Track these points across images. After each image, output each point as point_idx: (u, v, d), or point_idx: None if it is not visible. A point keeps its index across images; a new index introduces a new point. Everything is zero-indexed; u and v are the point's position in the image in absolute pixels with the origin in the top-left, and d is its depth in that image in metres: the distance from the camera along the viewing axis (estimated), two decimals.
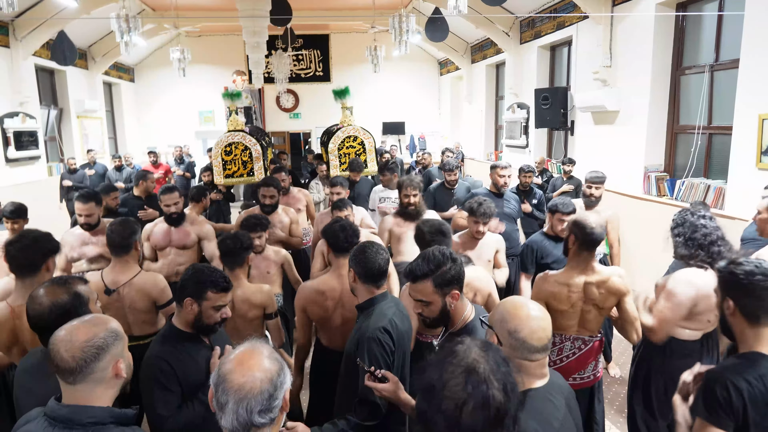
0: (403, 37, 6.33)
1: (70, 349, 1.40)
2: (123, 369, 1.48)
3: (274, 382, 1.25)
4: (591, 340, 2.83)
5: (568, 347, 2.82)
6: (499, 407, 1.09)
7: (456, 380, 1.10)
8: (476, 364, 1.12)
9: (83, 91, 11.28)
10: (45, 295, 1.82)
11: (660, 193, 6.17)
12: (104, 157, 11.68)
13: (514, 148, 10.34)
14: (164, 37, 12.96)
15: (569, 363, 2.80)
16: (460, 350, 1.16)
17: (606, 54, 7.00)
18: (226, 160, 6.29)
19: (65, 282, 1.88)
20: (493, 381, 1.10)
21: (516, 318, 1.51)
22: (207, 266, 2.21)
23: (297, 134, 15.54)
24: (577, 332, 2.81)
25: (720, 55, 5.63)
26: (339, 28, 14.25)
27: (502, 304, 1.61)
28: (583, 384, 2.84)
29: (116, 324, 1.53)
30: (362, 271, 2.24)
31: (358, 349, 2.13)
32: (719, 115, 5.66)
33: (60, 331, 1.45)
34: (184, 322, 2.14)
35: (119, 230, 2.93)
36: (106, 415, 1.41)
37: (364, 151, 6.86)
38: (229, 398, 1.22)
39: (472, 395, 1.08)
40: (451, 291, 1.96)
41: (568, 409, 1.54)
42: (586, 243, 2.70)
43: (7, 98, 8.36)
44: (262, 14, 7.12)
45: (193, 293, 2.09)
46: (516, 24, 9.84)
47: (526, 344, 1.49)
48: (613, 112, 6.99)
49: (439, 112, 15.42)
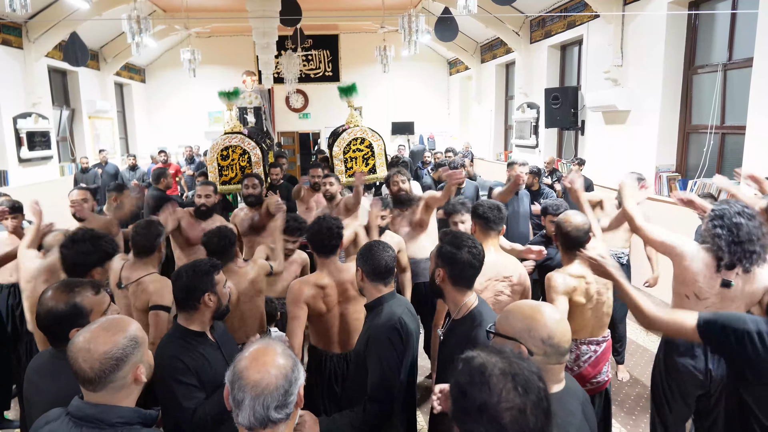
0: (412, 37, 6.32)
1: (88, 359, 1.39)
2: (143, 374, 1.48)
3: (288, 377, 1.27)
4: (604, 340, 2.82)
5: (584, 351, 2.78)
6: (547, 395, 1.11)
7: (507, 389, 1.09)
8: (509, 367, 1.12)
9: (95, 91, 11.38)
10: (48, 298, 1.79)
11: (671, 193, 6.12)
12: (115, 157, 11.78)
13: (524, 148, 10.30)
14: (175, 38, 13.06)
15: (586, 368, 2.76)
16: (484, 362, 1.14)
17: (617, 53, 6.96)
18: (223, 165, 5.72)
19: (72, 289, 1.83)
20: (531, 375, 1.11)
21: (544, 324, 1.45)
22: (194, 262, 2.24)
23: (306, 134, 15.59)
24: (591, 334, 2.79)
25: (733, 53, 5.56)
26: (348, 28, 14.27)
27: (517, 313, 1.52)
28: (598, 388, 2.81)
29: (135, 329, 1.50)
30: (370, 269, 2.25)
31: (368, 349, 2.14)
32: (732, 115, 5.60)
33: (78, 336, 1.44)
34: (198, 321, 2.16)
35: (145, 232, 2.96)
36: (134, 416, 1.43)
37: (372, 154, 6.08)
38: (245, 395, 1.23)
39: (528, 395, 1.08)
40: (439, 268, 2.06)
41: (584, 414, 1.52)
42: (567, 243, 2.74)
43: (20, 99, 8.46)
44: (271, 15, 7.15)
45: (207, 287, 2.15)
46: (526, 23, 9.80)
47: (559, 348, 1.45)
48: (624, 112, 6.94)
49: (449, 112, 15.39)
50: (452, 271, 2.02)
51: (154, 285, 2.87)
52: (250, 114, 8.51)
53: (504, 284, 2.70)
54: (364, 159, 6.11)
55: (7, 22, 7.99)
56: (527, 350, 1.42)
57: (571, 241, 2.71)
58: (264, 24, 7.21)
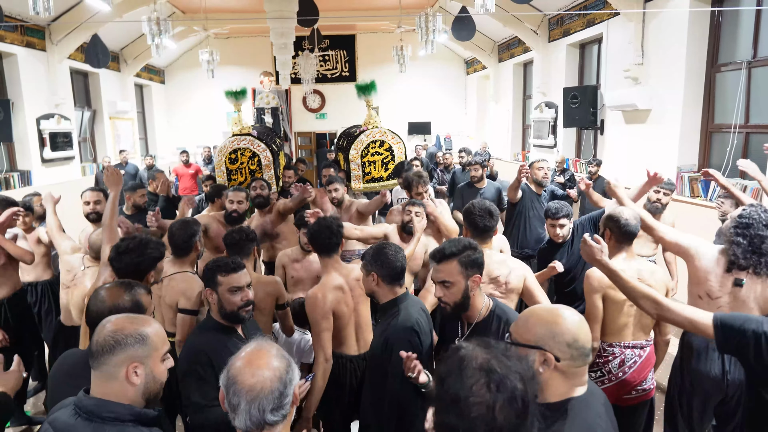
0: (429, 37, 6.30)
1: (100, 332, 1.46)
2: (137, 376, 1.45)
3: (283, 380, 1.27)
4: (648, 344, 2.70)
5: (629, 356, 2.62)
6: (523, 397, 1.10)
7: (479, 384, 1.10)
8: (490, 363, 1.13)
9: (115, 92, 11.55)
10: (109, 296, 1.84)
11: (693, 194, 6.00)
12: (135, 157, 11.94)
13: (541, 148, 10.20)
14: (193, 39, 13.19)
15: (632, 374, 2.61)
16: (467, 354, 1.16)
17: (638, 51, 6.85)
18: (231, 169, 5.38)
19: (131, 288, 1.88)
20: (510, 373, 1.11)
21: (567, 329, 1.41)
22: (217, 257, 2.32)
23: (323, 134, 15.64)
24: (634, 336, 2.68)
25: (758, 51, 5.44)
26: (365, 28, 14.28)
27: (537, 319, 1.47)
28: (642, 397, 2.64)
29: (152, 331, 1.50)
30: (386, 273, 2.25)
31: (386, 351, 2.14)
32: (757, 114, 5.48)
33: (111, 317, 1.52)
34: (216, 313, 2.23)
35: (181, 233, 2.99)
36: (127, 413, 1.42)
37: (392, 158, 5.62)
38: (240, 399, 1.24)
39: (499, 393, 1.08)
40: (473, 275, 2.02)
41: (608, 415, 1.49)
42: (622, 236, 2.66)
43: (43, 100, 8.62)
44: (289, 15, 7.17)
45: (207, 282, 2.23)
46: (544, 22, 9.70)
47: (584, 350, 1.41)
48: (645, 111, 6.83)
49: (465, 111, 15.31)
50: (480, 271, 2.07)
51: (181, 285, 2.90)
52: (267, 114, 8.52)
53: (492, 286, 2.65)
54: (383, 163, 5.66)
55: (30, 24, 8.14)
56: (553, 357, 1.39)
57: (624, 234, 2.67)
58: (281, 24, 7.24)
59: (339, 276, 2.70)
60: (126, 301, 1.83)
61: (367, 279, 2.30)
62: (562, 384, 1.41)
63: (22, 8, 7.09)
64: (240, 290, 2.19)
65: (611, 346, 2.64)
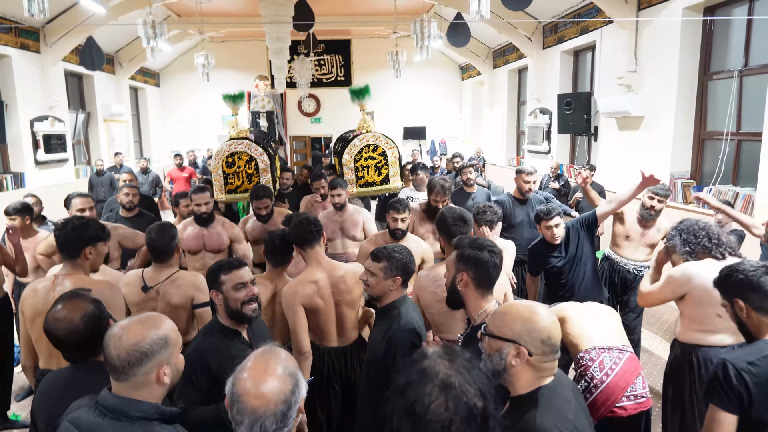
0: (424, 42, 6.34)
1: (117, 347, 1.43)
2: (167, 376, 1.49)
3: (288, 401, 1.25)
4: (626, 349, 2.60)
5: (606, 359, 2.51)
6: (482, 413, 1.11)
7: (437, 402, 1.10)
8: (449, 378, 1.13)
9: (110, 95, 11.52)
10: (66, 315, 1.79)
11: (686, 200, 6.05)
12: (129, 160, 11.89)
13: (536, 154, 10.26)
14: (189, 42, 13.20)
15: (615, 377, 2.47)
16: (428, 366, 1.16)
17: (631, 59, 6.91)
18: (228, 173, 5.36)
19: (74, 301, 1.85)
20: (469, 389, 1.12)
21: (543, 327, 1.50)
22: (218, 261, 2.33)
23: (318, 138, 15.66)
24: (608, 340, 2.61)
25: (749, 59, 5.50)
26: (361, 33, 14.33)
27: (514, 315, 1.53)
28: (639, 406, 2.48)
29: (169, 329, 1.52)
30: (403, 275, 2.30)
31: (389, 353, 2.16)
32: (748, 121, 5.54)
33: (115, 327, 1.48)
34: (223, 316, 2.21)
35: (159, 237, 2.90)
36: (153, 412, 1.44)
37: (386, 163, 5.58)
38: (244, 418, 1.23)
39: (456, 412, 1.09)
40: (463, 271, 1.96)
41: (577, 401, 1.55)
42: None
43: (37, 102, 8.59)
44: (285, 20, 7.19)
45: (211, 284, 2.21)
46: (539, 29, 9.77)
47: (555, 347, 1.51)
48: (638, 118, 6.89)
49: (460, 117, 15.38)
50: (477, 273, 1.95)
51: (190, 280, 2.88)
52: (262, 118, 8.51)
53: None
54: (376, 168, 5.62)
55: (25, 26, 8.12)
56: (527, 351, 1.47)
57: None
58: (277, 29, 7.26)
59: (318, 271, 2.72)
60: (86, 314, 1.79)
61: (385, 283, 2.28)
62: (531, 376, 1.50)
63: (16, 10, 7.08)
64: (244, 286, 2.18)
65: (587, 352, 2.56)
